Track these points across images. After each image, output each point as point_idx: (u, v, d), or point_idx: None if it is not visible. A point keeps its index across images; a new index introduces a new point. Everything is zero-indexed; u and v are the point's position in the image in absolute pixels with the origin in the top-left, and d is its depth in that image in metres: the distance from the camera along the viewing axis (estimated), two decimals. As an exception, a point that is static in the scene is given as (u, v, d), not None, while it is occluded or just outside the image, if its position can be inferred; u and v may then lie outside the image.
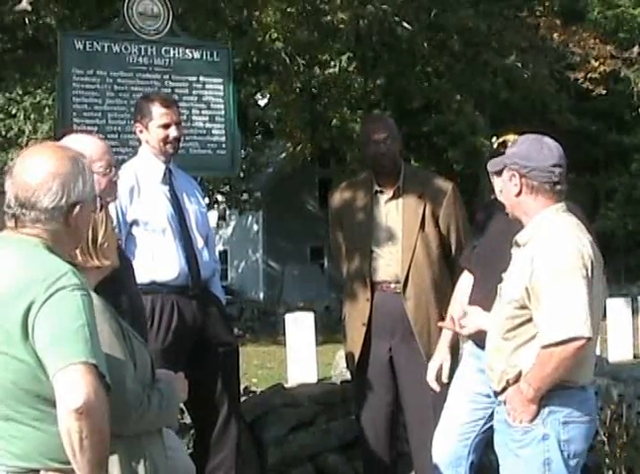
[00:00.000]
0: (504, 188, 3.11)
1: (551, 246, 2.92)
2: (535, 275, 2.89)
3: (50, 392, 2.12)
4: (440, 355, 3.90)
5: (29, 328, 2.11)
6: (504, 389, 3.04)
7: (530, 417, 2.96)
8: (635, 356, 9.72)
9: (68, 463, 2.15)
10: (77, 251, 2.55)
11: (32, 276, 2.17)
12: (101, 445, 2.13)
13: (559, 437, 2.97)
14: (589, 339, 2.84)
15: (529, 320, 2.95)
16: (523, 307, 2.94)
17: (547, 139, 3.06)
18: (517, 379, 2.98)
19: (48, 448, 2.19)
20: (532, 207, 3.02)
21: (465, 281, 3.85)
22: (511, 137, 3.13)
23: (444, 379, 3.89)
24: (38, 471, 2.20)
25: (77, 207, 2.29)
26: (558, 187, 3.01)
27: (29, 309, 2.11)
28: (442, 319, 4.20)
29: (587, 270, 2.88)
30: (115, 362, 2.45)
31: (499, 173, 3.19)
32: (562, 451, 2.98)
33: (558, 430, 2.97)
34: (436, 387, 3.89)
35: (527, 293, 2.91)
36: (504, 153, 3.16)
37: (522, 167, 2.99)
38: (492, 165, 3.19)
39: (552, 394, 2.94)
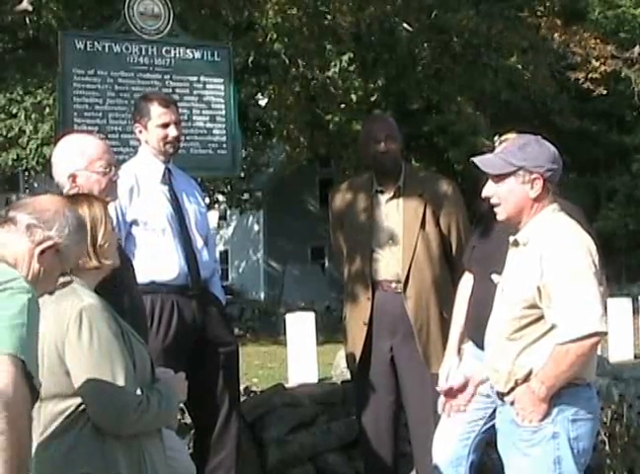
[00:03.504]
0: (512, 192, 2.99)
1: (560, 245, 2.93)
2: (547, 274, 2.89)
3: None
4: (449, 361, 3.89)
5: None
6: (511, 390, 3.03)
7: (541, 416, 2.96)
8: (636, 357, 9.71)
9: None
10: None
11: None
12: (18, 449, 1.95)
13: (569, 435, 2.98)
14: (605, 333, 2.89)
15: (538, 319, 2.95)
16: (533, 307, 2.94)
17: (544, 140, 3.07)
18: (525, 379, 2.98)
19: None
20: (535, 209, 3.02)
21: (467, 285, 3.84)
22: (513, 136, 3.10)
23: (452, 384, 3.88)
24: None
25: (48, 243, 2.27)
26: (557, 187, 3.04)
27: None
28: (443, 318, 4.21)
29: (595, 266, 2.91)
30: (113, 362, 2.46)
31: (500, 176, 3.02)
32: (572, 449, 2.99)
33: (567, 427, 2.98)
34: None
35: (539, 293, 2.91)
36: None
37: (548, 170, 2.96)
38: (494, 167, 3.03)
39: (561, 392, 2.94)
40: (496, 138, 3.15)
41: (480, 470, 3.81)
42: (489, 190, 3.07)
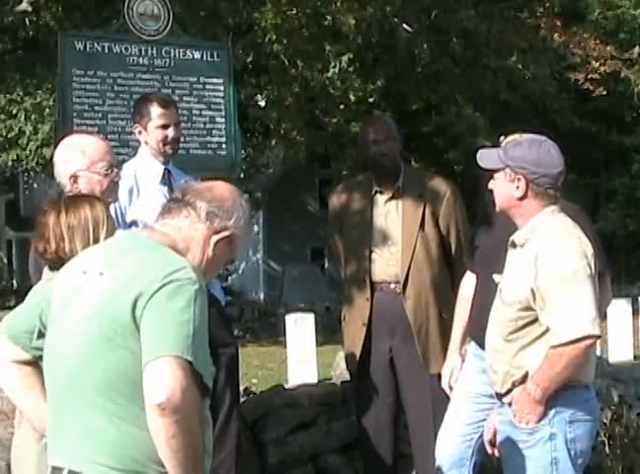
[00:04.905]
0: (501, 188, 3.08)
1: (555, 247, 2.93)
2: (541, 275, 2.89)
3: None
4: (452, 361, 3.90)
5: (137, 315, 2.05)
6: (508, 391, 3.04)
7: (537, 417, 2.96)
8: (636, 357, 9.68)
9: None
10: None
11: (150, 264, 2.14)
12: (192, 448, 2.00)
13: (566, 437, 2.98)
14: (598, 337, 2.88)
15: (533, 321, 2.95)
16: (528, 308, 2.94)
17: (550, 141, 3.07)
18: (522, 380, 2.98)
19: (147, 449, 2.06)
20: (530, 210, 3.02)
21: (468, 286, 3.84)
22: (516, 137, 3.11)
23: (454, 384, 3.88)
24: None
25: (225, 233, 2.29)
26: (558, 191, 3.03)
27: (140, 295, 2.06)
28: (442, 319, 4.21)
29: (590, 268, 2.90)
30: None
31: (492, 170, 3.10)
32: (569, 450, 2.99)
33: (564, 429, 2.98)
34: (450, 393, 3.88)
35: (533, 294, 2.91)
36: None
37: (531, 173, 2.98)
38: (488, 162, 3.11)
39: (558, 394, 2.95)
40: (501, 139, 3.17)
41: (481, 470, 3.81)
42: (491, 182, 3.12)
